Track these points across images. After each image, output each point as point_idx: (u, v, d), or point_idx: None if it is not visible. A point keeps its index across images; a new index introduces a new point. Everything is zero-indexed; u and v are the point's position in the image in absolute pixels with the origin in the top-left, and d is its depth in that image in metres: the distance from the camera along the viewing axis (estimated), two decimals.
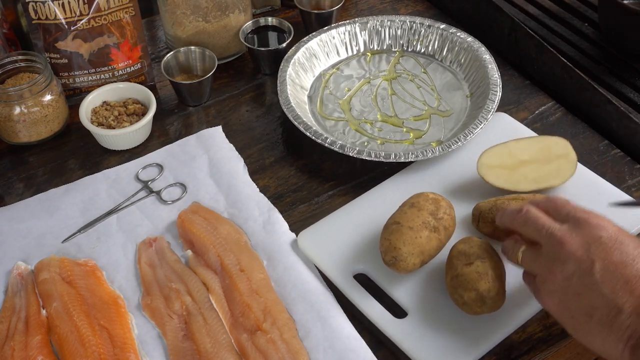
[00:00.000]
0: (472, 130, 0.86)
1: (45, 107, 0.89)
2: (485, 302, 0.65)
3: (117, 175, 0.87)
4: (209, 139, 0.91)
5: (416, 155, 0.84)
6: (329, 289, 0.73)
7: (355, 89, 0.98)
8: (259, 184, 0.86)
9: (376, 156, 0.84)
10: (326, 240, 0.77)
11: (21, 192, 0.86)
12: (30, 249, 0.79)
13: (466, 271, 0.67)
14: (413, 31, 1.03)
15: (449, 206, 0.74)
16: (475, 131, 0.86)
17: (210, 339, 0.69)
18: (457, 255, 0.69)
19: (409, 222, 0.70)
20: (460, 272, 0.67)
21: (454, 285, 0.67)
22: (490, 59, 0.95)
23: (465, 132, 0.86)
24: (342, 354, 0.67)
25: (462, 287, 0.66)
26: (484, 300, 0.65)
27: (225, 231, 0.78)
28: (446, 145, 0.84)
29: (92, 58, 0.93)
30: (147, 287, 0.74)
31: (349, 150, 0.84)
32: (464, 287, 0.66)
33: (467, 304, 0.66)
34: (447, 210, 0.73)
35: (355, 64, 1.02)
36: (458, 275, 0.67)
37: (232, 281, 0.73)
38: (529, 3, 1.12)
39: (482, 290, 0.65)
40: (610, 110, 0.89)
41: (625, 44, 1.01)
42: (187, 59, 0.99)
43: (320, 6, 1.09)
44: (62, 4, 0.87)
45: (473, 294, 0.65)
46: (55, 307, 0.71)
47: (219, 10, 0.99)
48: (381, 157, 0.84)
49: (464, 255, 0.68)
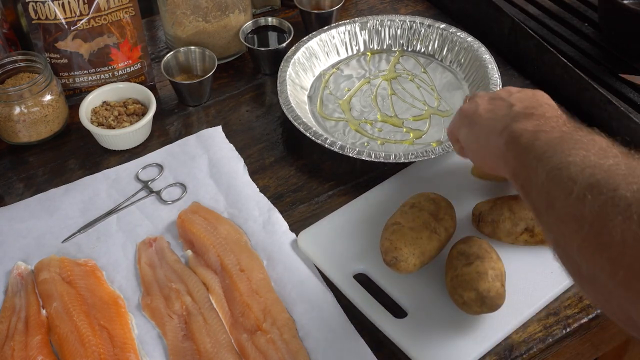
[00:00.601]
0: None
1: (45, 107, 0.89)
2: (485, 302, 0.65)
3: (117, 175, 0.87)
4: (209, 139, 0.91)
5: (416, 155, 0.84)
6: (329, 289, 0.73)
7: (355, 89, 0.98)
8: (259, 184, 0.86)
9: (376, 157, 0.84)
10: (326, 240, 0.77)
11: (21, 192, 0.86)
12: (30, 249, 0.79)
13: (466, 271, 0.67)
14: (413, 31, 1.03)
15: (449, 206, 0.73)
16: None
17: (210, 339, 0.69)
18: (457, 255, 0.69)
19: (410, 223, 0.70)
20: (460, 272, 0.67)
21: (454, 285, 0.67)
22: (490, 58, 0.95)
23: None
24: (342, 354, 0.67)
25: (462, 287, 0.66)
26: (483, 300, 0.65)
27: (225, 231, 0.78)
28: (446, 146, 0.84)
29: (92, 58, 0.93)
30: (147, 287, 0.74)
31: (349, 150, 0.84)
32: (463, 287, 0.66)
33: (467, 304, 0.66)
34: (448, 210, 0.73)
35: (355, 63, 1.02)
36: (458, 275, 0.67)
37: (232, 281, 0.73)
38: (529, 3, 1.12)
39: (482, 290, 0.65)
40: (610, 110, 0.88)
41: (625, 44, 1.01)
42: (187, 59, 0.99)
43: (320, 6, 1.09)
44: (62, 4, 0.87)
45: (473, 294, 0.65)
46: (55, 307, 0.71)
47: (219, 10, 0.99)
48: (381, 157, 0.84)
49: (464, 255, 0.68)
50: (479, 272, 0.66)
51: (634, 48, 1.00)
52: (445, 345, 0.67)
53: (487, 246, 0.69)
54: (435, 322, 0.69)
